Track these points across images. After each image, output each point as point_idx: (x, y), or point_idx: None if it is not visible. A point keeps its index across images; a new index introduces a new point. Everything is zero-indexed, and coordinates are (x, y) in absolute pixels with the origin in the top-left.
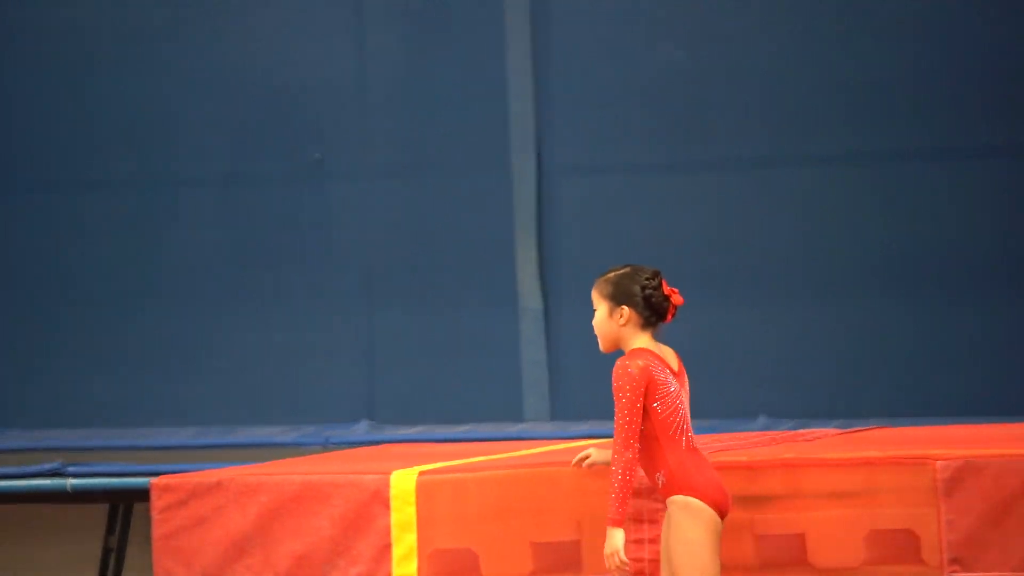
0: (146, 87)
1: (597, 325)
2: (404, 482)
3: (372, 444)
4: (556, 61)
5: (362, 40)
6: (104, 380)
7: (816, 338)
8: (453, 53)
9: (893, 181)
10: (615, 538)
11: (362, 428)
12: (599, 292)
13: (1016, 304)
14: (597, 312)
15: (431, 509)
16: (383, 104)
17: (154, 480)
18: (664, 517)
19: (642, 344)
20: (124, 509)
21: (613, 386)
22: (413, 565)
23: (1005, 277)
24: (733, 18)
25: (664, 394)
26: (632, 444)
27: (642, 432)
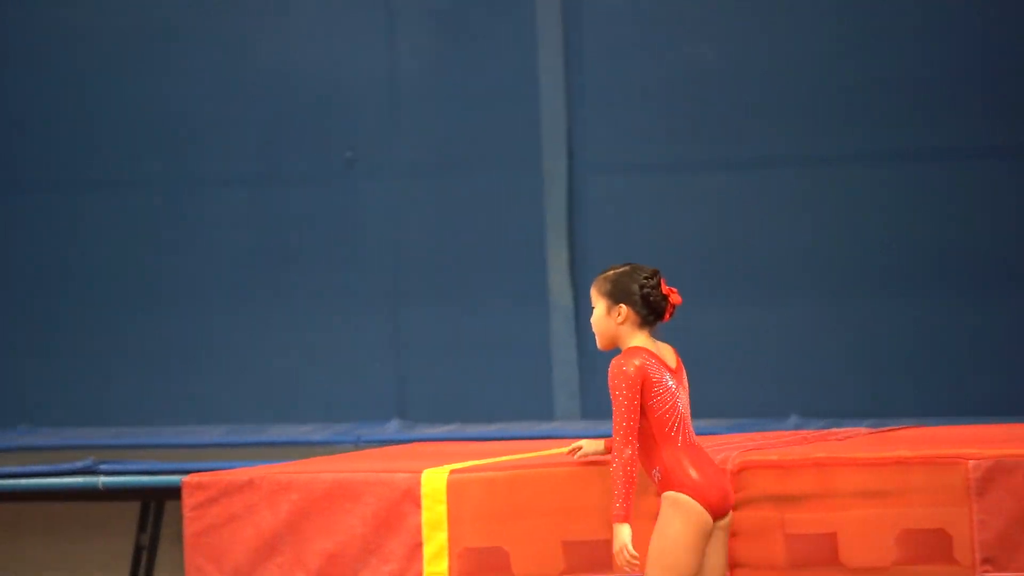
0: (176, 87)
1: (595, 323)
2: (435, 481)
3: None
4: (587, 59)
5: (393, 39)
6: (136, 378)
7: (848, 337)
8: (484, 52)
9: (929, 179)
10: (622, 534)
11: (393, 427)
12: (597, 290)
13: None
14: (595, 310)
15: (462, 507)
16: (414, 103)
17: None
18: None
19: (639, 342)
20: (156, 507)
21: (609, 384)
22: (444, 564)
23: None
24: (764, 17)
25: (660, 392)
26: (631, 441)
27: (640, 429)
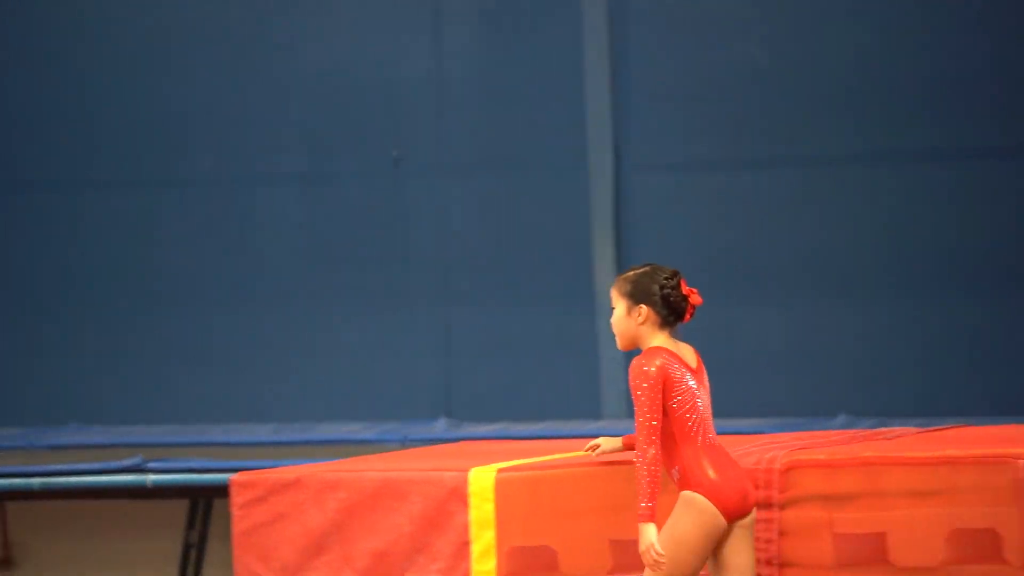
0: (224, 86)
1: (615, 323)
2: (482, 479)
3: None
4: (633, 58)
5: (439, 38)
6: (185, 377)
7: (897, 336)
8: (530, 51)
9: (978, 179)
10: (648, 534)
11: (440, 425)
12: (618, 291)
13: None
14: (615, 310)
15: (510, 506)
16: (460, 102)
17: (234, 477)
18: None
19: (659, 342)
20: (204, 505)
21: (630, 385)
22: (492, 562)
23: None
24: (809, 15)
25: (681, 392)
26: (654, 441)
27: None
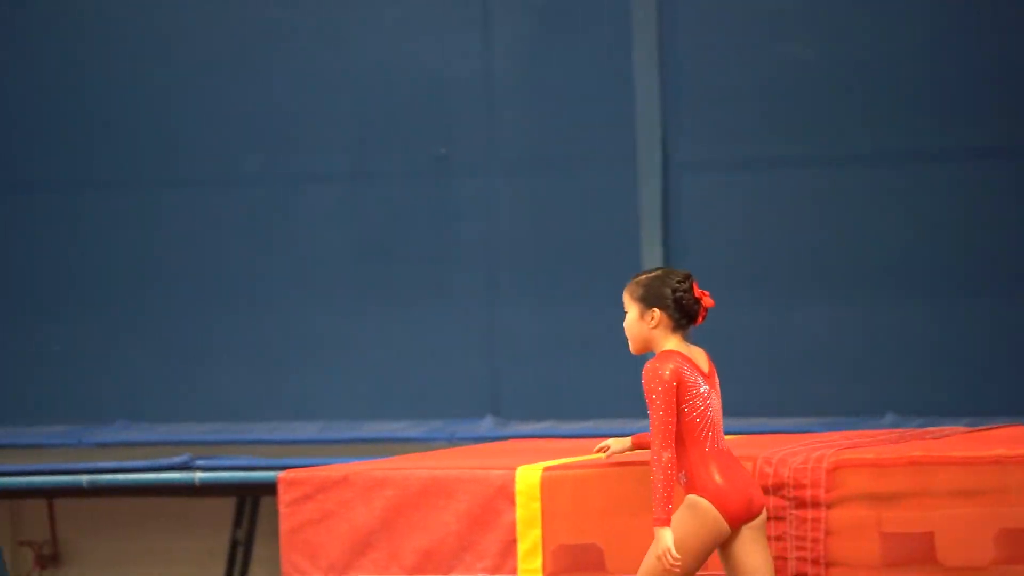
0: (271, 84)
1: (628, 327)
2: (529, 477)
3: (497, 440)
4: (683, 56)
5: (488, 36)
6: (232, 375)
7: (945, 335)
8: (579, 49)
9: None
10: (665, 538)
11: (487, 424)
12: (630, 295)
13: None
14: (628, 314)
15: (556, 504)
16: (508, 100)
17: (281, 474)
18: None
19: (672, 346)
20: (251, 503)
21: (645, 388)
22: (538, 560)
23: None
24: (858, 13)
25: (693, 396)
26: (670, 445)
27: None
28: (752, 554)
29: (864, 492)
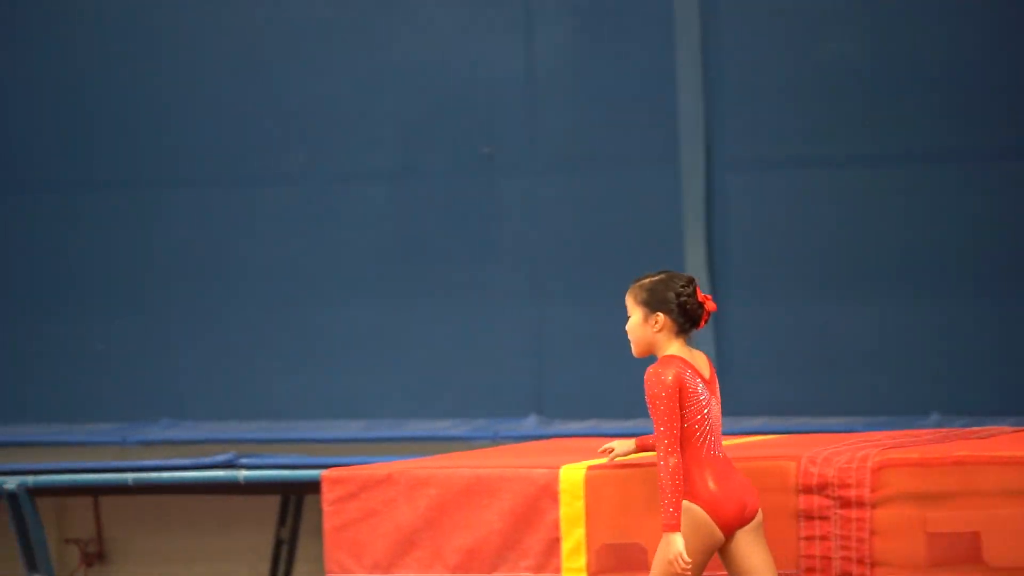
0: (317, 83)
1: (631, 331)
2: (573, 476)
3: (540, 438)
4: (725, 55)
5: (531, 35)
6: (277, 373)
7: (990, 334)
8: (622, 47)
9: None
10: (676, 543)
11: (530, 423)
12: (634, 298)
13: None
14: (631, 318)
15: (600, 503)
16: (552, 99)
17: (325, 473)
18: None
19: (675, 350)
20: (296, 501)
21: (648, 394)
22: (582, 559)
23: None
24: (903, 11)
25: (693, 403)
26: (675, 449)
27: None
28: (751, 555)
29: (909, 492)
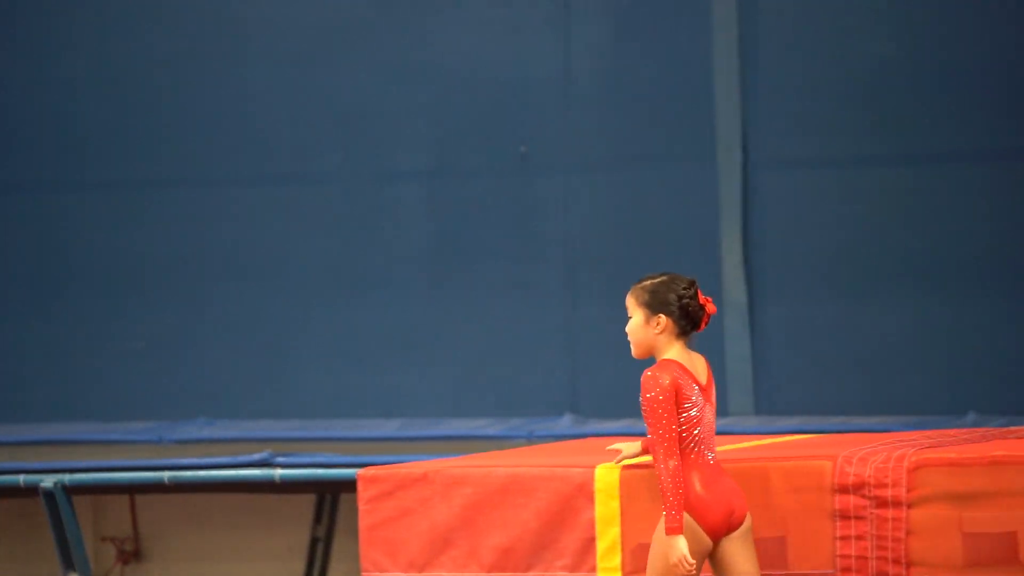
0: (354, 82)
1: (632, 332)
2: (608, 476)
3: (576, 438)
4: (762, 54)
5: (568, 34)
6: (312, 372)
7: None
8: (659, 46)
9: None
10: (679, 546)
11: (566, 422)
12: (635, 299)
13: None
14: (632, 319)
15: (635, 503)
16: (588, 98)
17: (361, 472)
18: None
19: (675, 352)
20: (331, 499)
21: (644, 398)
22: (617, 559)
23: None
24: (940, 10)
25: (687, 408)
26: (674, 452)
27: None
28: (738, 563)
29: (946, 491)
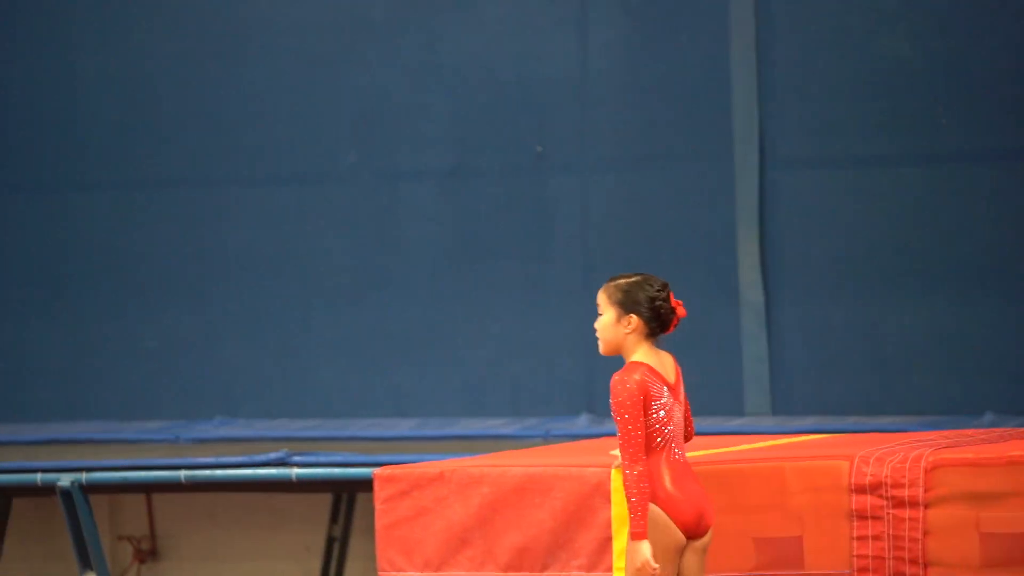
0: (370, 82)
1: (601, 329)
2: None
3: (592, 437)
4: (779, 53)
5: (584, 33)
6: (329, 371)
7: None
8: (676, 45)
9: None
10: (643, 550)
11: (582, 421)
12: (608, 297)
13: None
14: (603, 316)
15: None
16: (605, 97)
17: (377, 471)
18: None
19: (642, 353)
20: (348, 499)
21: (613, 402)
22: None
23: None
24: (959, 9)
25: (656, 408)
26: (640, 458)
27: None
28: (689, 573)
29: (963, 492)
